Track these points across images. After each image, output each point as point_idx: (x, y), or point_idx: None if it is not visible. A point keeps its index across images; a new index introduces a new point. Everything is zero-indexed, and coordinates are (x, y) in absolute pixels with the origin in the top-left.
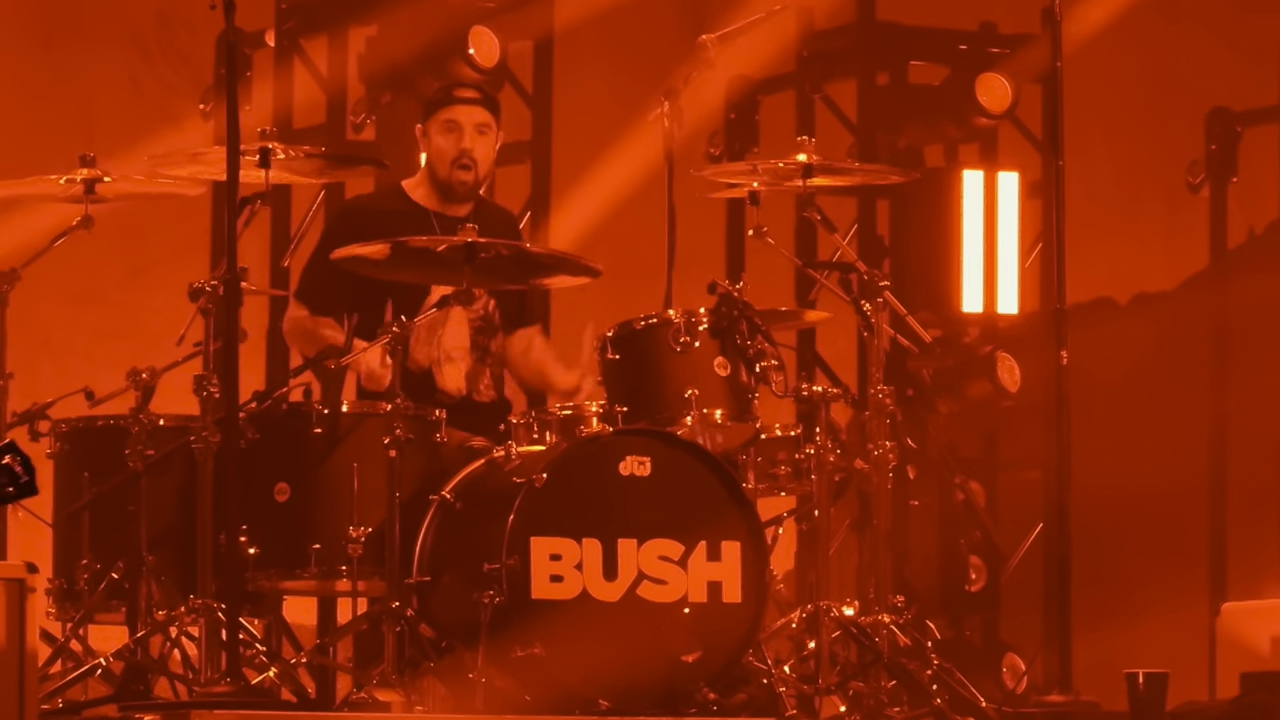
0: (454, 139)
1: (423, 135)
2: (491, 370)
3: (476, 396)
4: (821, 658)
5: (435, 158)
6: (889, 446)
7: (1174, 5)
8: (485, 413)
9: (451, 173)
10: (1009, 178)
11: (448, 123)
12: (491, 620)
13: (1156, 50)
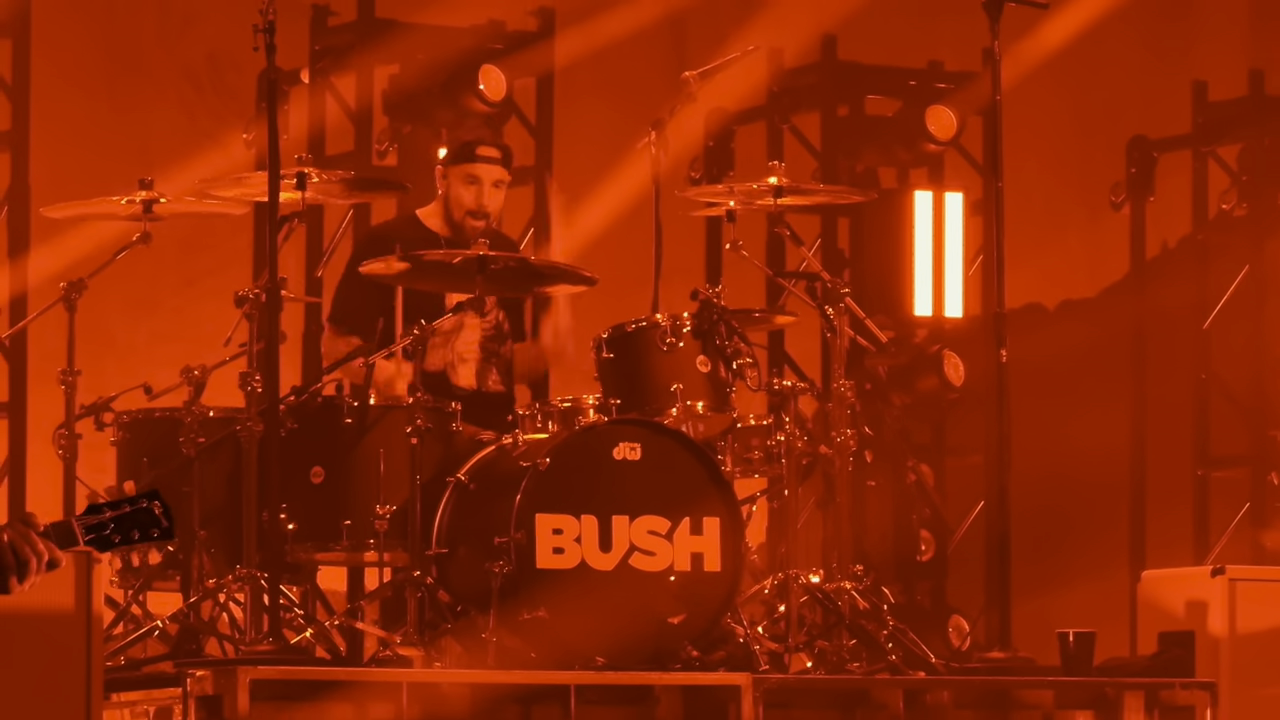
0: (473, 192)
1: (442, 177)
2: (499, 368)
3: (486, 390)
4: (790, 620)
5: (454, 203)
6: (849, 434)
7: (1098, 47)
8: (494, 404)
9: (465, 219)
10: (954, 197)
11: (469, 176)
12: (501, 587)
13: (1083, 86)
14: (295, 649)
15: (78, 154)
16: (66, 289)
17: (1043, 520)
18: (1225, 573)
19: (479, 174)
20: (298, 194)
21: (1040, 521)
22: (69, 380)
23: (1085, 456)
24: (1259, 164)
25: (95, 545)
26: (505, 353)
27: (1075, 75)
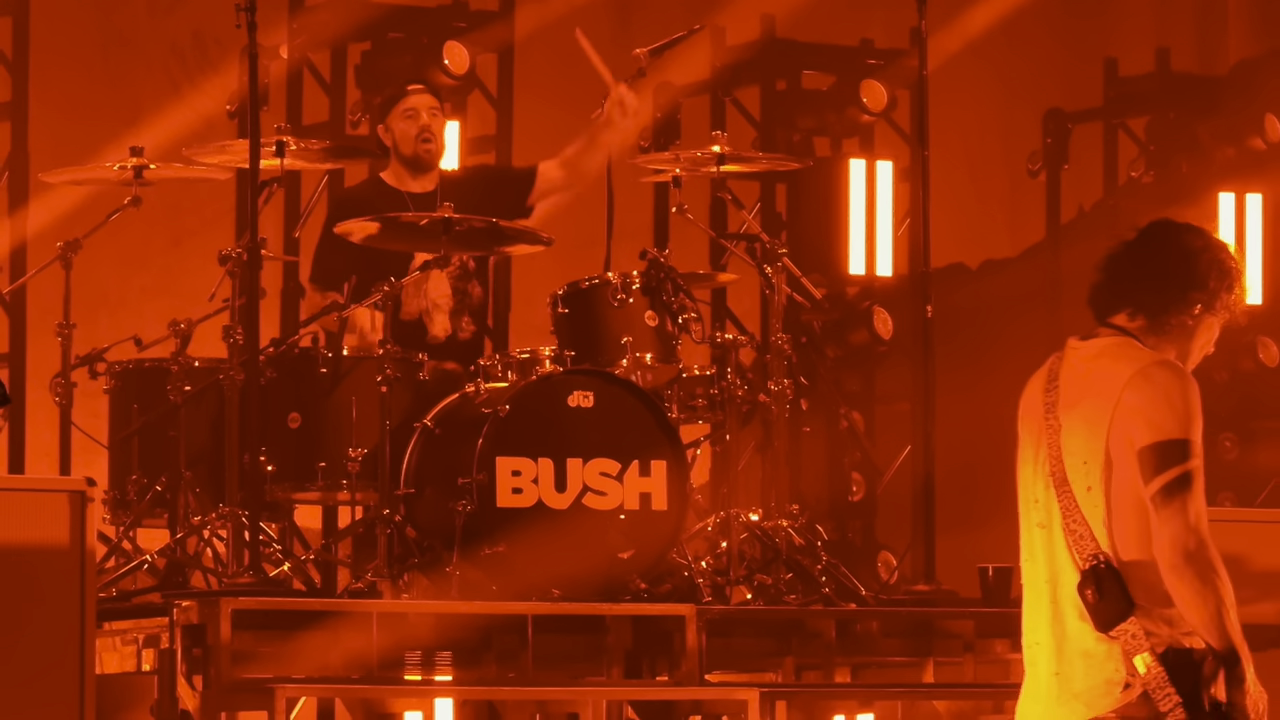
0: (414, 121)
1: (385, 131)
2: (470, 309)
3: (460, 335)
4: (732, 555)
5: (401, 140)
6: (786, 383)
7: (1018, 27)
8: (466, 348)
9: (417, 147)
10: (885, 165)
11: (407, 111)
12: (464, 525)
13: (1004, 62)
14: (274, 581)
15: (73, 124)
16: (63, 248)
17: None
18: None
19: (414, 105)
20: (277, 161)
21: (963, 464)
22: (65, 333)
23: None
24: (1165, 135)
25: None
26: (473, 290)
27: (996, 53)
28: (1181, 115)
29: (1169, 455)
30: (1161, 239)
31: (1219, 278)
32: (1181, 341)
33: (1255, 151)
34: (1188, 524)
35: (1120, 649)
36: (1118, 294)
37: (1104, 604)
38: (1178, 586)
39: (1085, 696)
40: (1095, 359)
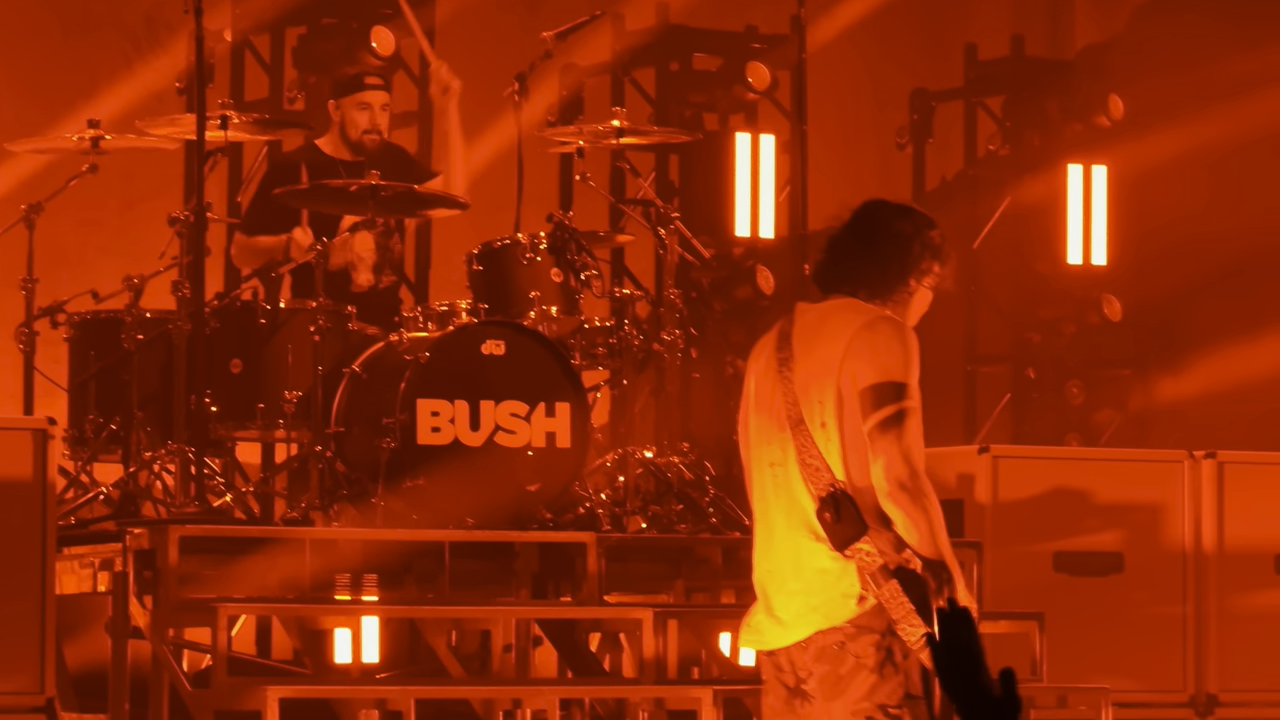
0: (367, 115)
1: (336, 109)
2: (390, 263)
3: (380, 285)
4: (628, 488)
5: (350, 126)
6: (678, 334)
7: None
8: (386, 296)
9: (363, 137)
10: (768, 138)
11: (360, 103)
12: (388, 461)
13: (874, 47)
14: (217, 511)
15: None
16: (27, 210)
17: None
18: (989, 451)
19: (369, 100)
20: (221, 133)
21: None
22: (29, 287)
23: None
24: (1019, 113)
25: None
26: (394, 246)
27: (868, 39)
28: (1034, 95)
29: (886, 394)
30: (878, 223)
31: (931, 257)
32: (899, 310)
33: (1100, 128)
34: (900, 455)
35: (855, 566)
36: (841, 273)
37: (840, 526)
38: (893, 510)
39: (823, 609)
40: (826, 315)
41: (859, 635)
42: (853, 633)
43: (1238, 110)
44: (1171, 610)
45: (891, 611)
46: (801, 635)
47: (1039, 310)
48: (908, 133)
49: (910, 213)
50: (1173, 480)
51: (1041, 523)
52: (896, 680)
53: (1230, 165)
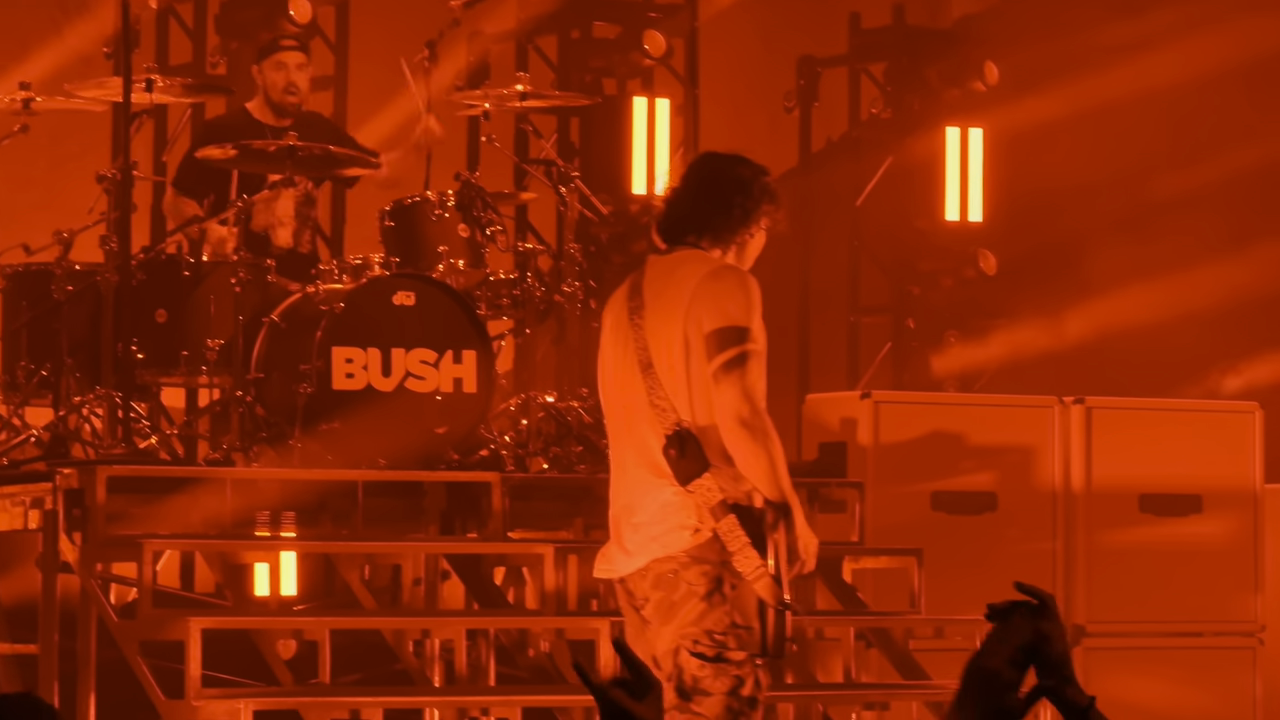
0: (283, 74)
1: (259, 73)
2: (310, 229)
3: (300, 249)
4: (531, 431)
5: (270, 88)
6: (578, 286)
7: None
8: (305, 261)
9: (283, 97)
10: (663, 102)
11: (278, 63)
12: (305, 405)
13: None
14: (143, 452)
15: None
16: None
17: None
18: (871, 396)
19: (285, 60)
20: (147, 96)
21: None
22: None
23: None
24: (900, 78)
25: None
26: (313, 215)
27: (757, 8)
28: (914, 61)
29: (729, 338)
30: (717, 172)
31: (768, 200)
32: (739, 251)
33: (976, 92)
34: (742, 394)
35: (695, 500)
36: (685, 223)
37: (684, 462)
38: (735, 447)
39: (663, 539)
40: (674, 266)
41: (692, 564)
42: (686, 562)
43: (1106, 75)
44: (1042, 546)
45: (728, 544)
46: (641, 563)
47: (918, 264)
48: (795, 97)
49: (745, 161)
50: (1043, 424)
51: (920, 464)
52: (724, 609)
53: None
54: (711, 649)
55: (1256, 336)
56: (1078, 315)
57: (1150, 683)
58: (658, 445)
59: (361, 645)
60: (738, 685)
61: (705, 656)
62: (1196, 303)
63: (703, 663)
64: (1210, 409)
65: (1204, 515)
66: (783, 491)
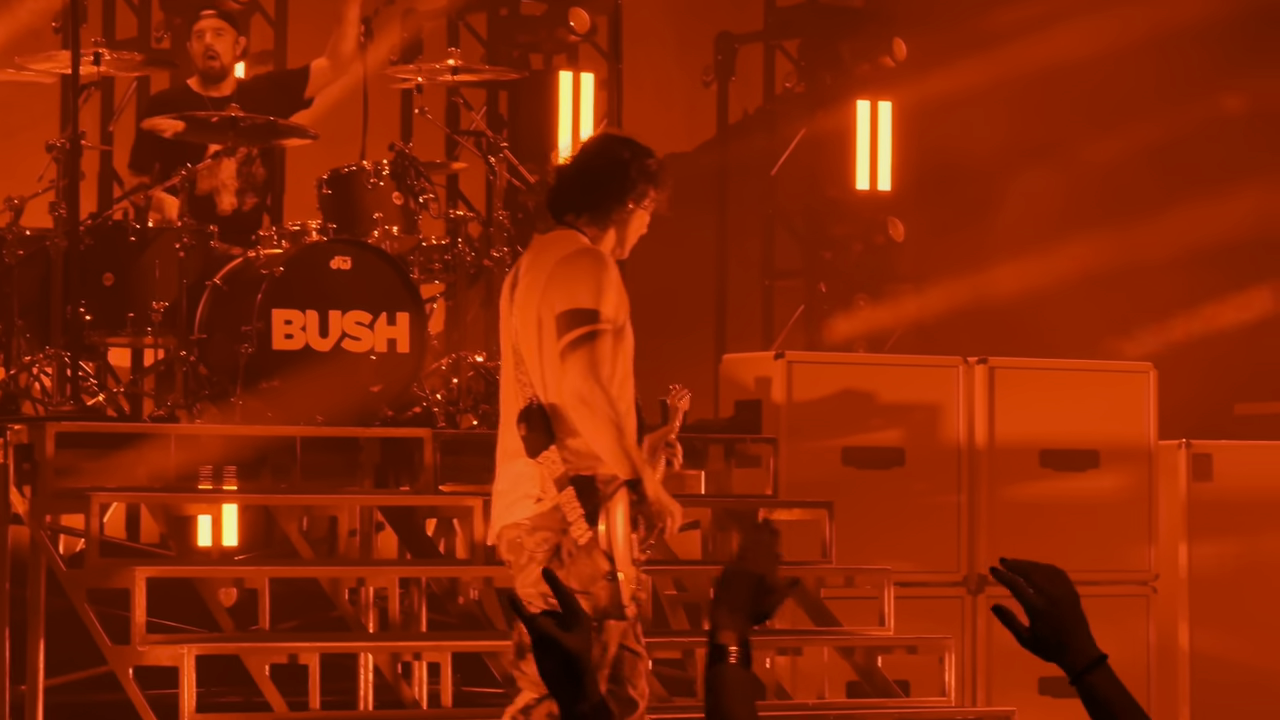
0: (201, 41)
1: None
2: (252, 187)
3: (243, 209)
4: (461, 389)
5: (194, 56)
6: (506, 251)
7: None
8: (248, 219)
9: (204, 63)
10: (588, 77)
11: (197, 32)
12: (246, 364)
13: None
14: (91, 409)
15: None
16: None
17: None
18: (784, 356)
19: (202, 28)
20: (94, 69)
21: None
22: None
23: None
24: (813, 54)
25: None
26: (255, 171)
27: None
28: (826, 38)
29: (575, 320)
30: (599, 152)
31: (646, 181)
32: (619, 230)
33: (886, 68)
34: (585, 374)
35: (542, 472)
36: (567, 197)
37: (532, 435)
38: (578, 423)
39: (512, 508)
40: (544, 247)
41: (535, 531)
42: (530, 528)
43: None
44: (947, 500)
45: (567, 515)
46: (496, 529)
47: (830, 231)
48: (713, 72)
49: (629, 143)
50: (949, 383)
51: (831, 421)
52: (560, 574)
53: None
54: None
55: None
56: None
57: None
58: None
59: (299, 593)
60: None
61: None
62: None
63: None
64: (1107, 369)
65: (1100, 470)
66: (631, 464)
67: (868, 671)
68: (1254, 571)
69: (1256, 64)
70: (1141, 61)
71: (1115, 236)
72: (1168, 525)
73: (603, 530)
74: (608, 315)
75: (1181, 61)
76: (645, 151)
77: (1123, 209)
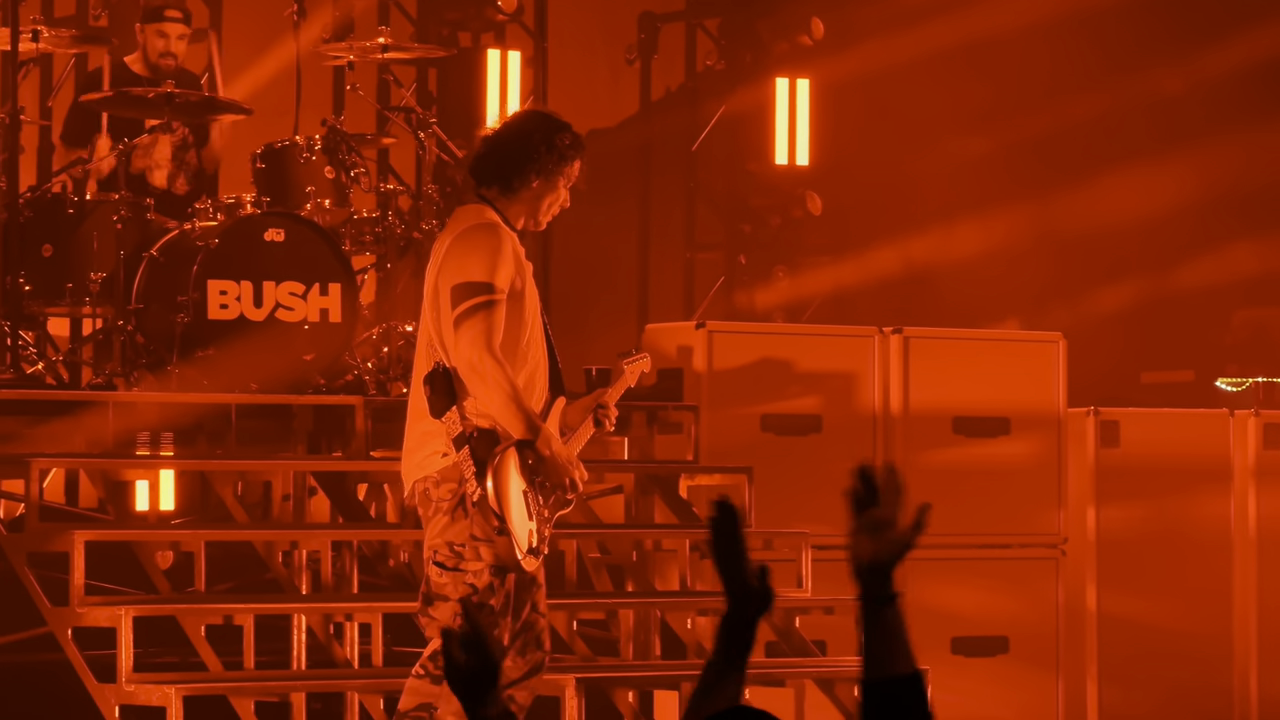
0: (164, 42)
1: (140, 33)
2: (185, 173)
3: (175, 190)
4: (391, 358)
5: (150, 50)
6: (435, 223)
7: None
8: (181, 201)
9: (160, 60)
10: (515, 55)
11: (159, 31)
12: (182, 334)
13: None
14: (30, 377)
15: None
16: None
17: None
18: (705, 326)
19: (167, 30)
20: (34, 45)
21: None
22: None
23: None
24: (733, 33)
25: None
26: (190, 159)
27: None
28: (746, 17)
29: (466, 292)
30: (513, 126)
31: (551, 157)
32: (530, 203)
33: (804, 46)
34: (475, 342)
35: (445, 430)
36: (482, 169)
37: (435, 397)
38: (471, 389)
39: (423, 464)
40: (453, 221)
41: (441, 484)
42: (437, 480)
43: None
44: None
45: (464, 470)
46: (409, 483)
47: (750, 204)
48: (636, 50)
49: (544, 118)
50: (864, 352)
51: (750, 389)
52: (464, 523)
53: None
54: (450, 559)
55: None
56: (897, 252)
57: (963, 591)
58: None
59: (234, 556)
60: (471, 594)
61: (444, 566)
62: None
63: (441, 570)
64: (1017, 339)
65: (1011, 437)
66: (525, 423)
67: (785, 632)
68: (1159, 534)
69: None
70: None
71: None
72: (1076, 490)
73: (490, 488)
74: (500, 286)
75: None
76: (557, 127)
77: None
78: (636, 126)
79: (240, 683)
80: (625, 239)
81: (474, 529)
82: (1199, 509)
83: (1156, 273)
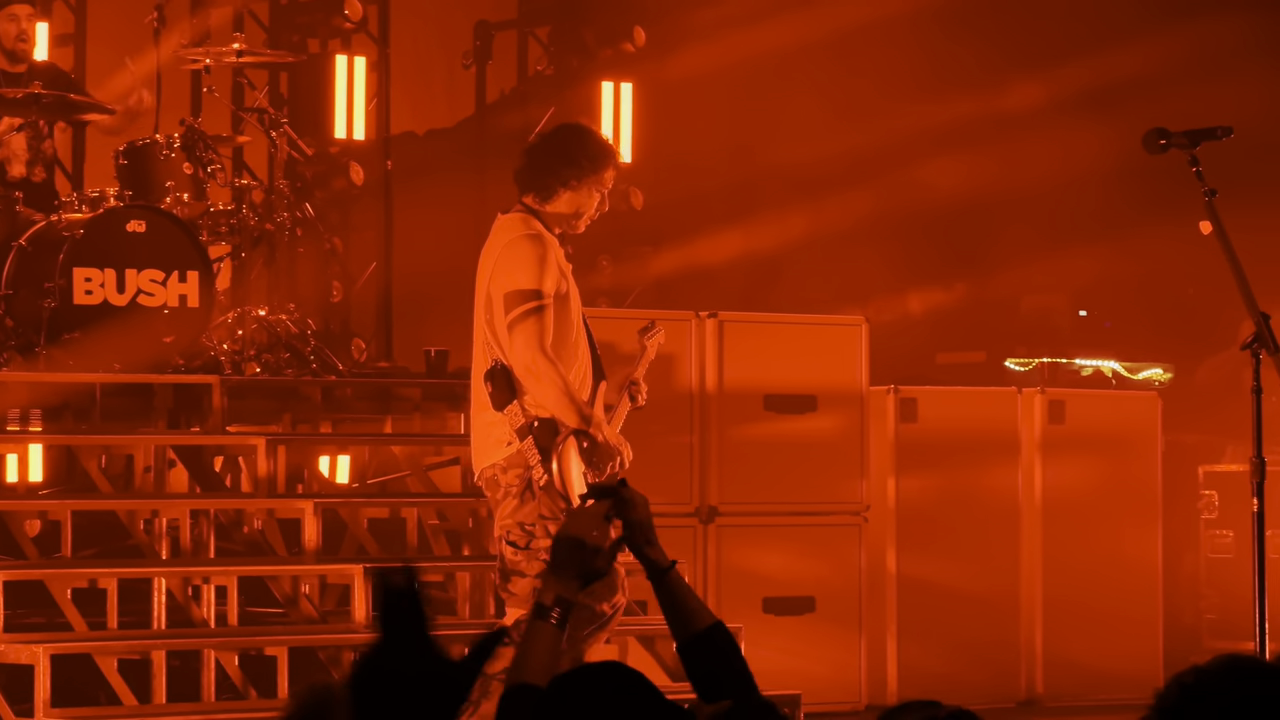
0: (14, 24)
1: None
2: (42, 162)
3: (33, 179)
4: (245, 340)
5: (4, 37)
6: (286, 216)
7: None
8: (40, 189)
9: (14, 45)
10: (360, 60)
11: (10, 15)
12: (50, 318)
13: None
14: None
15: None
16: None
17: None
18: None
19: (16, 12)
20: None
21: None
22: None
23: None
24: (561, 40)
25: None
26: (45, 148)
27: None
28: (573, 25)
29: (518, 298)
30: (554, 137)
31: (582, 164)
32: (566, 209)
33: (627, 53)
34: (527, 345)
35: (508, 421)
36: (523, 178)
37: (497, 392)
38: (528, 385)
39: (489, 452)
40: (498, 230)
41: (508, 469)
42: (504, 467)
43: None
44: (680, 440)
45: (528, 458)
46: (478, 469)
47: None
48: (472, 56)
49: (578, 131)
50: (682, 335)
51: None
52: (533, 505)
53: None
54: (523, 538)
55: (868, 265)
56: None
57: (774, 556)
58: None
59: (99, 524)
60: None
61: (517, 545)
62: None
63: (515, 550)
64: (823, 323)
65: (818, 413)
66: (578, 414)
67: None
68: (953, 503)
69: (982, 47)
70: (865, 43)
71: (837, 206)
72: (878, 462)
73: (556, 472)
74: (548, 291)
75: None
76: (589, 138)
77: (845, 183)
78: (473, 127)
79: (104, 641)
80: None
81: (541, 509)
82: (989, 479)
83: (957, 264)
